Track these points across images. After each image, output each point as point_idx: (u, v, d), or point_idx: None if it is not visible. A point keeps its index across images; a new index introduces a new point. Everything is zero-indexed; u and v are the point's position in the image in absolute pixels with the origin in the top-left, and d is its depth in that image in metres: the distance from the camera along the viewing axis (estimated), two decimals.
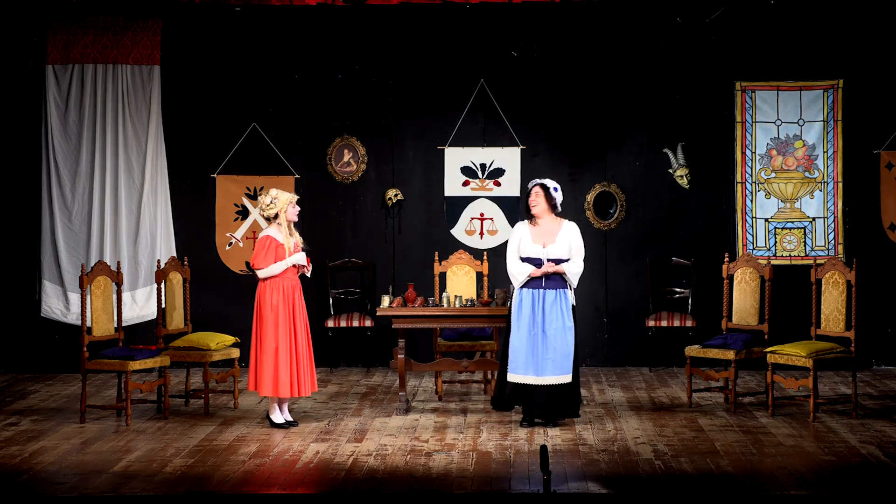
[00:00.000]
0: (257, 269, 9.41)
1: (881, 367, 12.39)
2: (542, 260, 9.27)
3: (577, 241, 9.36)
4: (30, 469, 8.04)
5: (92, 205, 12.51)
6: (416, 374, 12.06)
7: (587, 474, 7.78)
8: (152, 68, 12.58)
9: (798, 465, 7.95)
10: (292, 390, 9.38)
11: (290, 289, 9.44)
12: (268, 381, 9.33)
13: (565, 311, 9.26)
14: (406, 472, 7.89)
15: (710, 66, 12.53)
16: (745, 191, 12.50)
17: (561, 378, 9.19)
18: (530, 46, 12.63)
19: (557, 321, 9.21)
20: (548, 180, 9.42)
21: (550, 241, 9.29)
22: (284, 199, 9.47)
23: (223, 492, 7.39)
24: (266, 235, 9.44)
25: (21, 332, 12.65)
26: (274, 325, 9.35)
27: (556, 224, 9.36)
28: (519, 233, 9.42)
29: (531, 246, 9.30)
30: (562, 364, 9.19)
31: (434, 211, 12.76)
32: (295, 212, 9.52)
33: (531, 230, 9.37)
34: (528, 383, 9.21)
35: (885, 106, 12.36)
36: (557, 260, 9.28)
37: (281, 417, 9.45)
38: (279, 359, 9.34)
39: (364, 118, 12.75)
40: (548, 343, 9.20)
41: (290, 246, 9.45)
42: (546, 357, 9.19)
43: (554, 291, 9.27)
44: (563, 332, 9.21)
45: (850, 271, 9.65)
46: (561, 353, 9.19)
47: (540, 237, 9.32)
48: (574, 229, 9.38)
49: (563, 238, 9.30)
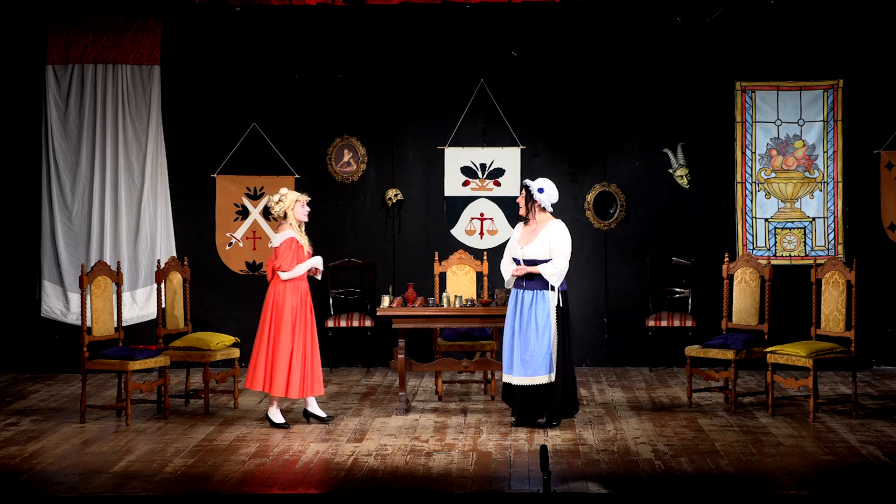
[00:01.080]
0: (282, 271, 9.40)
1: (881, 367, 12.39)
2: (520, 259, 9.29)
3: (558, 241, 9.21)
4: (30, 469, 8.04)
5: (92, 205, 12.51)
6: (416, 374, 12.06)
7: (587, 474, 7.78)
8: (152, 68, 12.58)
9: (798, 465, 7.95)
10: (303, 391, 9.39)
11: (304, 290, 9.48)
12: (281, 381, 9.34)
13: (542, 311, 9.21)
14: (406, 472, 7.89)
15: (710, 66, 12.53)
16: (745, 191, 12.50)
17: (536, 379, 9.17)
18: (530, 46, 12.64)
19: (533, 322, 9.20)
20: (538, 180, 9.35)
21: (529, 241, 9.29)
22: (291, 198, 9.47)
23: (223, 492, 7.39)
24: (290, 237, 9.43)
25: (21, 332, 12.65)
26: (291, 326, 9.36)
27: (542, 224, 9.35)
28: (514, 233, 9.47)
29: (514, 246, 9.35)
30: (537, 365, 9.16)
31: (434, 211, 12.76)
32: (304, 211, 9.50)
33: (522, 230, 9.39)
34: (512, 383, 9.24)
35: (885, 106, 12.36)
36: (533, 261, 9.24)
37: (281, 417, 9.45)
38: (293, 360, 9.36)
39: (364, 118, 12.75)
40: (523, 344, 9.20)
41: (306, 246, 9.47)
42: (521, 357, 9.20)
43: (532, 292, 9.25)
44: (537, 332, 9.17)
45: (850, 271, 9.65)
46: (536, 353, 9.16)
47: (524, 237, 9.33)
48: (557, 229, 9.25)
49: (542, 239, 9.25)
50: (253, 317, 12.69)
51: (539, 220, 9.34)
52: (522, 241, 9.31)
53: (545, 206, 9.31)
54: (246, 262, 12.71)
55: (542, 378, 9.17)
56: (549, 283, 9.21)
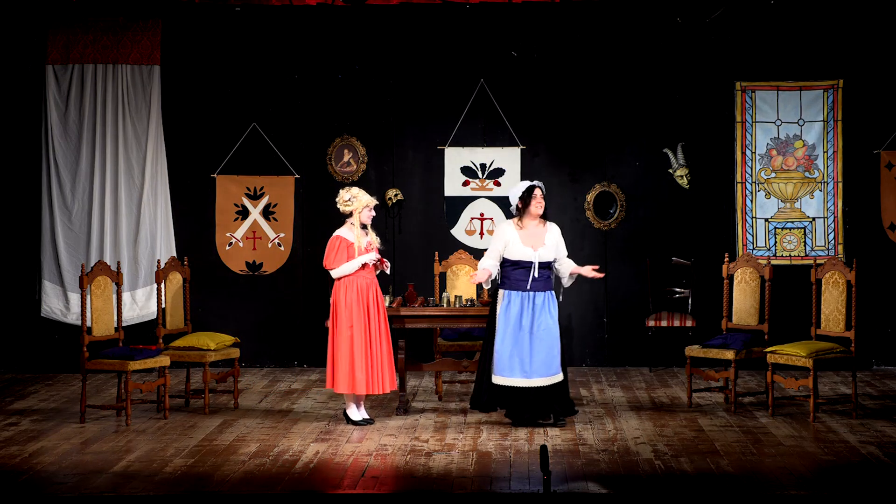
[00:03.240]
0: (329, 268, 9.46)
1: (881, 367, 12.39)
2: (534, 263, 9.27)
3: (561, 240, 9.44)
4: (30, 469, 8.04)
5: (92, 205, 12.51)
6: (416, 374, 12.06)
7: (587, 474, 7.78)
8: (152, 68, 12.58)
9: (798, 465, 7.95)
10: (369, 387, 9.38)
11: (364, 287, 9.45)
12: (344, 378, 9.36)
13: (553, 312, 9.29)
14: (406, 472, 7.89)
15: (710, 66, 12.53)
16: (745, 191, 12.50)
17: (552, 379, 9.21)
18: (530, 46, 12.64)
19: (546, 323, 9.22)
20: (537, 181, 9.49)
21: (540, 244, 9.30)
22: (363, 202, 9.50)
23: (223, 492, 7.39)
24: (335, 235, 9.49)
25: (21, 332, 12.65)
26: (349, 322, 9.37)
27: (541, 226, 9.37)
28: (507, 234, 9.35)
29: (521, 248, 9.28)
30: (551, 365, 9.21)
31: (434, 211, 12.76)
32: (370, 216, 9.53)
33: (519, 233, 9.35)
34: (517, 386, 9.22)
35: (885, 106, 12.36)
36: (547, 263, 9.33)
37: (358, 415, 9.46)
38: (354, 356, 9.36)
39: (364, 118, 12.75)
40: (537, 345, 9.20)
41: (360, 245, 9.45)
42: (536, 359, 9.19)
43: (543, 294, 9.29)
44: (551, 333, 9.23)
45: (850, 271, 9.65)
46: (551, 354, 9.21)
47: (529, 240, 9.31)
48: (558, 231, 9.46)
49: (550, 241, 9.35)
50: (253, 317, 12.75)
51: (539, 222, 9.36)
52: (529, 244, 9.28)
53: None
54: (246, 262, 12.71)
55: (557, 378, 9.22)
56: (553, 284, 9.30)
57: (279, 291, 12.74)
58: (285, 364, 12.78)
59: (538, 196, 9.34)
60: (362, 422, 9.42)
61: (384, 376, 9.45)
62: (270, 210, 12.72)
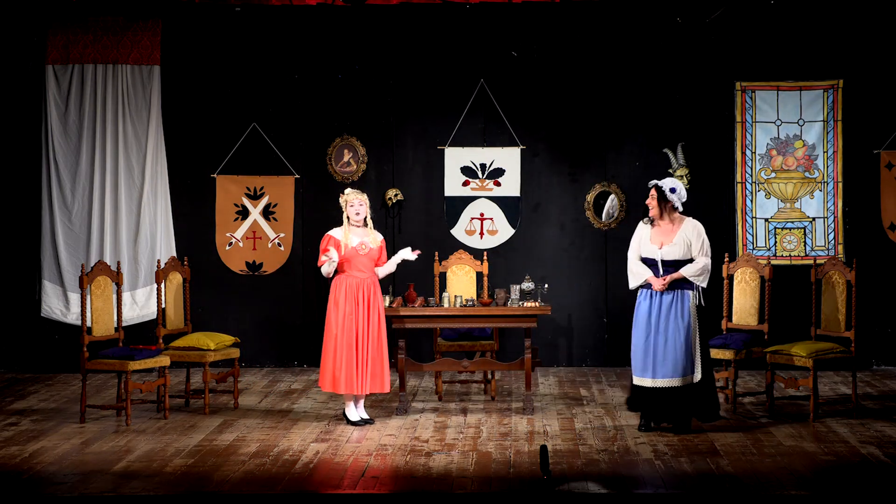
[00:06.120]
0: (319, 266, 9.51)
1: (881, 367, 12.39)
2: (658, 260, 9.13)
3: (700, 239, 9.15)
4: (30, 469, 8.04)
5: (92, 205, 12.51)
6: (416, 374, 12.06)
7: (587, 474, 7.78)
8: (152, 68, 12.58)
9: (798, 465, 7.95)
10: (350, 387, 9.36)
11: (354, 286, 9.45)
12: (328, 376, 9.38)
13: (682, 312, 9.10)
14: (406, 472, 7.89)
15: (710, 66, 12.53)
16: (745, 191, 12.50)
17: (675, 381, 9.01)
18: (530, 46, 12.64)
19: (672, 323, 9.07)
20: (667, 180, 9.24)
21: (668, 241, 9.17)
22: (342, 200, 9.56)
23: (223, 492, 7.39)
24: (326, 235, 9.53)
25: (21, 332, 12.65)
26: (336, 321, 9.37)
27: (676, 224, 9.23)
28: (639, 233, 9.28)
29: (649, 246, 9.18)
30: (676, 367, 9.01)
31: (434, 211, 12.76)
32: (353, 211, 9.49)
33: (651, 230, 9.24)
34: (646, 386, 9.12)
35: (885, 106, 12.36)
36: (674, 261, 9.11)
37: (356, 414, 9.45)
38: (337, 355, 9.35)
39: (364, 118, 12.75)
40: (662, 346, 9.06)
41: (347, 242, 9.40)
42: (660, 359, 9.05)
43: (671, 293, 9.14)
44: (677, 334, 9.04)
45: (850, 271, 9.65)
46: (676, 355, 9.02)
47: (658, 237, 9.20)
48: (694, 227, 9.18)
49: (680, 238, 9.15)
50: (253, 317, 12.75)
51: (672, 220, 9.24)
52: (657, 242, 9.18)
53: (677, 206, 9.22)
54: (246, 262, 12.71)
55: (677, 381, 9.02)
56: (693, 283, 9.09)
57: (279, 291, 12.74)
58: (285, 364, 12.78)
59: (651, 195, 9.25)
60: (360, 422, 9.42)
61: (370, 377, 9.42)
62: (270, 210, 12.72)
